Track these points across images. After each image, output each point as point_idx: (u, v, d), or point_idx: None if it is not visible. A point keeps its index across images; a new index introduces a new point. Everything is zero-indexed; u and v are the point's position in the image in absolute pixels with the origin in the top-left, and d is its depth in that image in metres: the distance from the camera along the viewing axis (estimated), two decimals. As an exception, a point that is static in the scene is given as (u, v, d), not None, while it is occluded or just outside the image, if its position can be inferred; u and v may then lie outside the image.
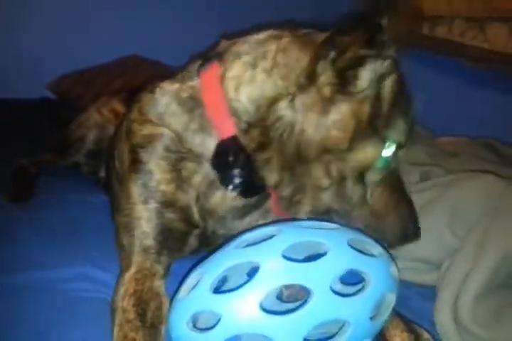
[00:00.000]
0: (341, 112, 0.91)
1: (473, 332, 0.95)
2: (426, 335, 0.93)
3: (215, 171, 1.01)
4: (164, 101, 1.05)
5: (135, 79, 2.54)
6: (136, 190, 1.03)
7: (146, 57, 2.98)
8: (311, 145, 0.92)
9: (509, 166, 1.44)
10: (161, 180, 1.02)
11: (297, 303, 0.77)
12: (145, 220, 1.02)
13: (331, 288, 0.74)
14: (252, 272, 0.77)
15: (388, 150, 0.96)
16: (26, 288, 1.05)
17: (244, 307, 0.73)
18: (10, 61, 2.74)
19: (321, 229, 0.84)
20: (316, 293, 0.73)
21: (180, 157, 1.02)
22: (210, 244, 1.07)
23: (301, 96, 0.92)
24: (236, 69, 0.98)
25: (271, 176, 0.98)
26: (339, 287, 0.84)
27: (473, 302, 0.98)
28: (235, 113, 0.97)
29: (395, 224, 1.01)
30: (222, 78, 0.98)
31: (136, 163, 1.04)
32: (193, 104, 1.02)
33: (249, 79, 0.96)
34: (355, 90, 0.90)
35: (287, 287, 0.95)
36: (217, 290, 0.78)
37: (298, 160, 0.94)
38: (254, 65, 0.96)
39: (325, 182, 0.95)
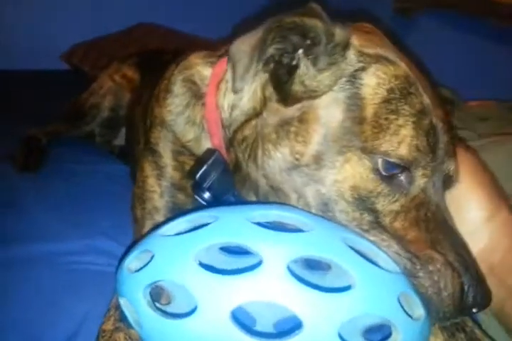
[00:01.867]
0: (298, 122, 0.77)
1: None
2: None
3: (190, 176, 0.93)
4: (179, 78, 1.01)
5: (148, 46, 2.48)
6: (148, 166, 1.02)
7: (160, 24, 2.92)
8: (276, 167, 0.79)
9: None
10: (168, 163, 1.00)
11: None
12: (157, 195, 1.00)
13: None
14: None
15: (386, 168, 0.72)
16: (33, 261, 1.01)
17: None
18: (24, 33, 2.71)
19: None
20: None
21: (178, 150, 0.99)
22: None
23: (263, 116, 0.82)
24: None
25: (251, 199, 0.89)
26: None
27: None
28: (223, 125, 0.90)
29: (444, 278, 0.69)
30: (222, 80, 0.91)
31: (148, 142, 1.03)
32: (195, 94, 0.98)
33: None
34: (311, 95, 0.76)
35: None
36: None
37: (270, 187, 0.81)
38: None
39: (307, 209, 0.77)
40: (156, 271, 0.64)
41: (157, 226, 0.95)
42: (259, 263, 0.59)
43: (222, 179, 0.90)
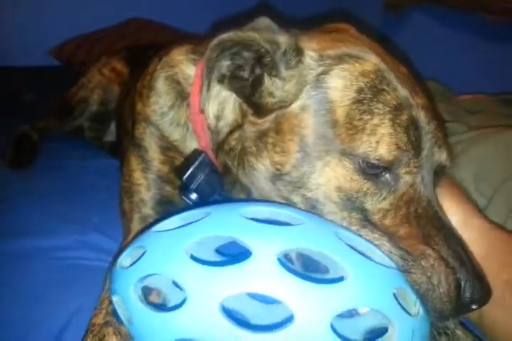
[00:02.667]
0: (275, 133, 0.77)
1: None
2: None
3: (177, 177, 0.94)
4: (162, 75, 1.00)
5: (139, 41, 2.47)
6: (134, 160, 1.02)
7: (150, 19, 2.90)
8: (261, 177, 0.79)
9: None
10: (155, 157, 1.00)
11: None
12: (144, 188, 1.00)
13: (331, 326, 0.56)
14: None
15: (369, 168, 0.71)
16: (25, 256, 1.01)
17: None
18: (13, 29, 2.69)
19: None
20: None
21: (166, 146, 0.99)
22: None
23: (244, 128, 0.82)
24: None
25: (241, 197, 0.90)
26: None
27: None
28: (209, 127, 0.90)
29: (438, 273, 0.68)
30: None
31: (133, 137, 1.03)
32: (180, 95, 0.98)
33: (216, 92, 0.87)
34: (281, 105, 0.76)
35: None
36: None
37: (260, 195, 0.82)
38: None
39: None
40: (147, 265, 0.63)
41: (145, 219, 0.97)
42: (249, 255, 0.58)
43: (209, 180, 0.91)
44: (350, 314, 0.65)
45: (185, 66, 0.98)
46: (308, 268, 0.71)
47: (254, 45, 0.73)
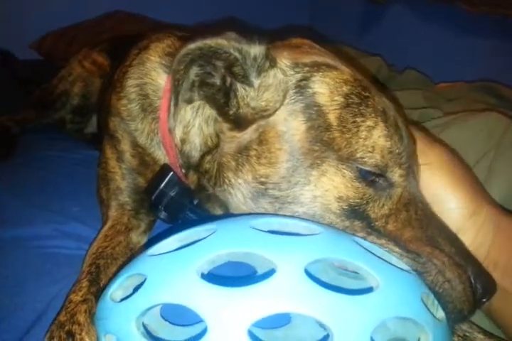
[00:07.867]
0: (258, 144, 0.73)
1: None
2: None
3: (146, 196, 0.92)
4: (133, 78, 0.97)
5: (121, 34, 2.44)
6: (109, 148, 1.02)
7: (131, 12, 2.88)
8: (240, 196, 0.75)
9: (509, 108, 1.36)
10: (125, 150, 0.99)
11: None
12: (119, 176, 1.00)
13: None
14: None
15: (366, 174, 0.70)
16: (2, 245, 1.00)
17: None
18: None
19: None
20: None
21: (135, 143, 0.97)
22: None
23: (220, 146, 0.78)
24: None
25: (218, 212, 0.87)
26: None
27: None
28: (179, 150, 0.87)
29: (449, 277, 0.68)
30: None
31: (107, 128, 1.02)
32: (145, 109, 0.95)
33: (180, 117, 0.84)
34: (263, 114, 0.73)
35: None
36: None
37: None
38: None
39: None
40: (152, 293, 0.54)
41: (122, 206, 0.98)
42: (273, 271, 0.53)
43: (178, 199, 0.88)
44: None
45: (157, 74, 0.94)
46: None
47: (223, 52, 0.70)
